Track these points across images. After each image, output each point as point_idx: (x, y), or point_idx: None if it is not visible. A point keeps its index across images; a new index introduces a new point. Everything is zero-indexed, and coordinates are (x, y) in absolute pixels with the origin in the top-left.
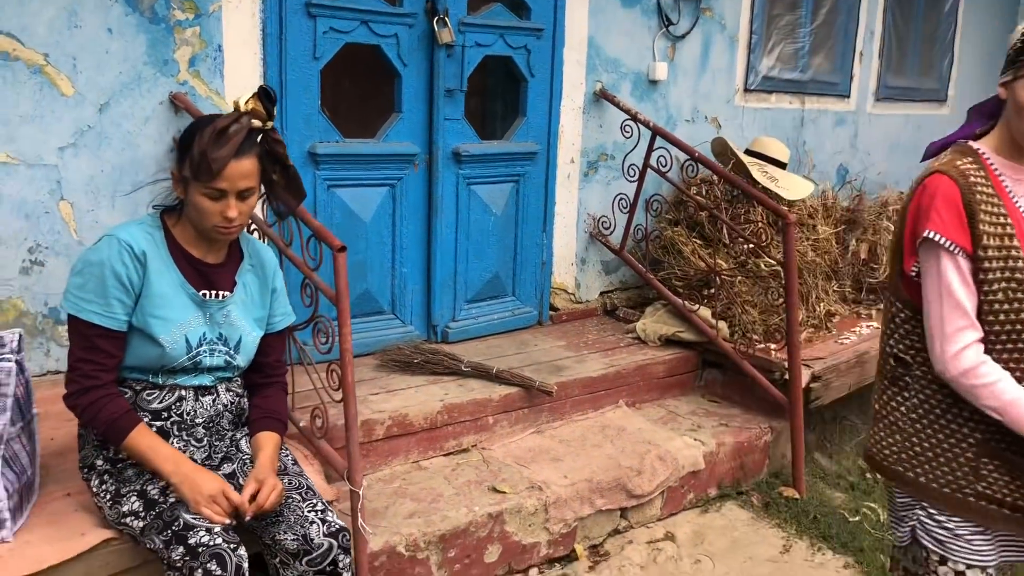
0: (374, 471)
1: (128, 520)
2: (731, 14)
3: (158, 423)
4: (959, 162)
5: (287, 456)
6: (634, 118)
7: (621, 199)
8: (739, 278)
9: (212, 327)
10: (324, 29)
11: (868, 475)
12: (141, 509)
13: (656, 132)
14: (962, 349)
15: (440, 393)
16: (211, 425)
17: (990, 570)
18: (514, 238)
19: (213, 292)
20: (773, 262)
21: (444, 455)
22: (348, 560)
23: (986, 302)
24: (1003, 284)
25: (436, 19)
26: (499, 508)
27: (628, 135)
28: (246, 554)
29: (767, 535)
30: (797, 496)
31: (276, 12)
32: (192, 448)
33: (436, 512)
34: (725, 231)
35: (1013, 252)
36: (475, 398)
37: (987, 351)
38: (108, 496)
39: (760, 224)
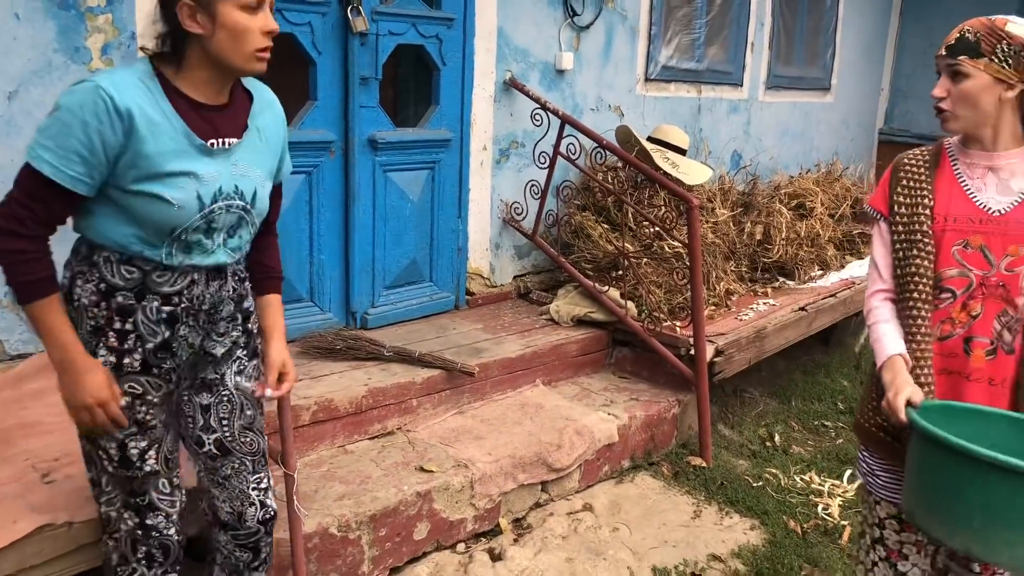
0: (302, 456)
1: (99, 452)
2: (632, 6)
3: (167, 308)
4: (916, 150)
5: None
6: (543, 107)
7: (532, 185)
8: (645, 260)
9: (226, 179)
10: None
11: (768, 443)
12: (116, 459)
13: (565, 120)
14: (870, 295)
15: (364, 378)
16: (212, 311)
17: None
18: (430, 224)
19: (220, 140)
20: (677, 244)
21: (370, 438)
22: (270, 541)
23: (893, 259)
24: (903, 245)
25: (350, 8)
26: (427, 487)
27: (538, 123)
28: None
29: (678, 502)
30: (704, 465)
31: None
32: (194, 333)
33: (366, 493)
34: (631, 215)
35: (918, 220)
36: (399, 381)
37: (895, 301)
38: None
39: (664, 208)
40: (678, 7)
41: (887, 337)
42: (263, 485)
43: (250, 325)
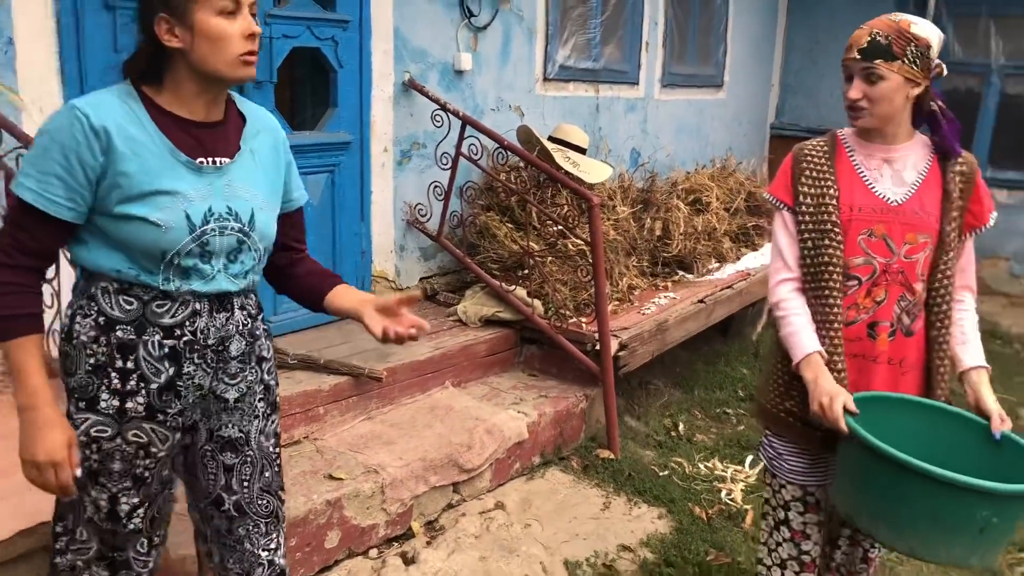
0: None
1: (86, 501)
2: (528, 6)
3: (169, 342)
4: (813, 141)
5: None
6: (443, 108)
7: (436, 187)
8: (550, 258)
9: (218, 199)
10: (124, 21)
11: (673, 433)
12: (104, 511)
13: (466, 121)
14: (776, 284)
15: None
16: (220, 348)
17: (810, 488)
18: (332, 228)
19: (211, 159)
20: (580, 242)
21: None
22: None
23: (801, 248)
24: (812, 234)
25: None
26: (337, 494)
27: (439, 124)
28: None
29: (588, 495)
30: (612, 457)
31: (71, 4)
32: (202, 372)
33: None
34: (535, 214)
35: (826, 209)
36: (304, 390)
37: (804, 290)
38: (85, 463)
39: (567, 207)
40: (573, 7)
41: (803, 332)
42: (273, 546)
43: (267, 376)
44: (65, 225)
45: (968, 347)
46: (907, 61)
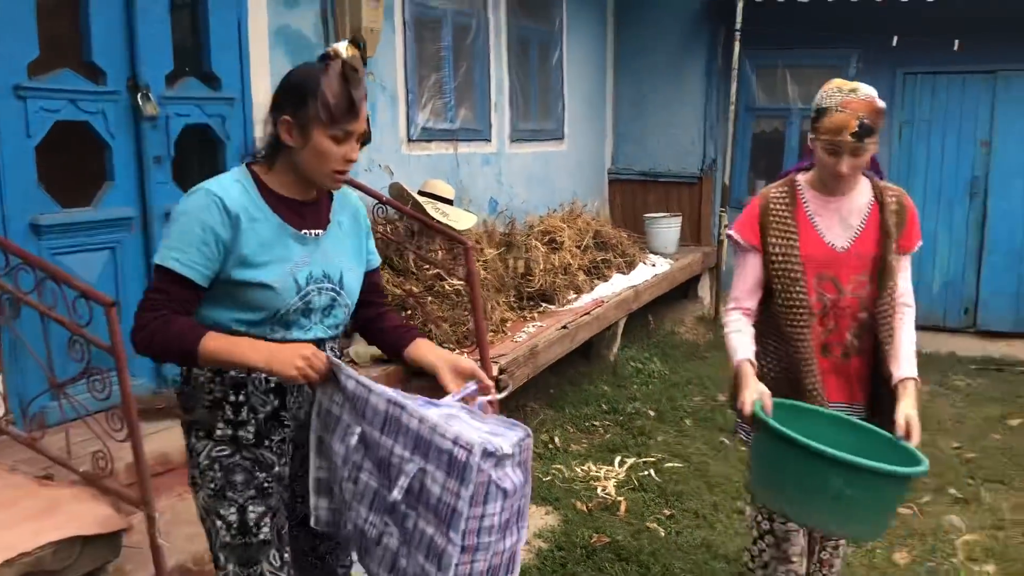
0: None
1: (218, 524)
2: (389, 76)
3: (274, 378)
4: (775, 189)
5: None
6: None
7: None
8: (429, 299)
9: (316, 265)
10: (35, 109)
11: (550, 445)
12: (235, 525)
13: (346, 183)
14: (729, 309)
15: None
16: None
17: None
18: None
19: (310, 231)
20: (456, 282)
21: None
22: None
23: (773, 282)
24: (780, 272)
25: (140, 94)
26: None
27: None
28: None
29: None
30: None
31: None
32: (297, 404)
33: None
34: (412, 261)
35: (790, 253)
36: None
37: (778, 315)
38: (211, 484)
39: (440, 252)
40: (428, 76)
41: (740, 346)
42: (348, 563)
43: None
44: (199, 289)
45: (898, 361)
46: (878, 132)
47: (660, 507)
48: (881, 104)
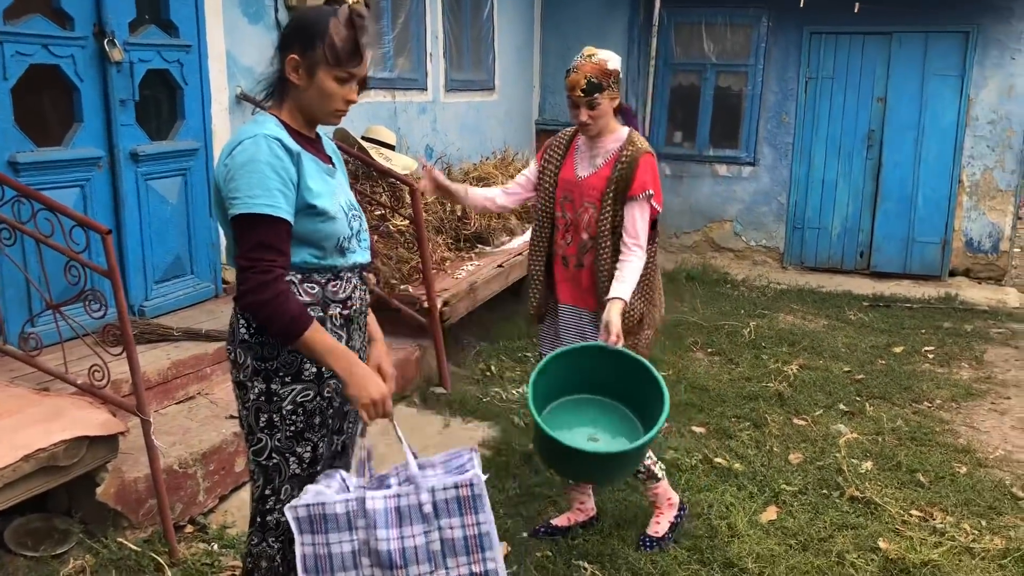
0: (128, 422)
1: (291, 460)
2: None
3: (346, 312)
4: (562, 132)
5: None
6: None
7: None
8: (375, 238)
9: (342, 194)
10: (11, 53)
11: (487, 373)
12: (307, 460)
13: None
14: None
15: (163, 355)
16: (362, 315)
17: None
18: (187, 224)
19: (329, 164)
20: (399, 223)
21: (177, 403)
22: None
23: (537, 191)
24: (540, 195)
25: (106, 40)
26: (238, 429)
27: None
28: None
29: (431, 420)
30: (445, 391)
31: None
32: (358, 334)
33: (193, 439)
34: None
35: (547, 179)
36: (194, 354)
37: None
38: (291, 428)
39: (383, 194)
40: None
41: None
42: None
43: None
44: (289, 227)
45: (616, 284)
46: (611, 89)
47: None
48: (612, 67)
